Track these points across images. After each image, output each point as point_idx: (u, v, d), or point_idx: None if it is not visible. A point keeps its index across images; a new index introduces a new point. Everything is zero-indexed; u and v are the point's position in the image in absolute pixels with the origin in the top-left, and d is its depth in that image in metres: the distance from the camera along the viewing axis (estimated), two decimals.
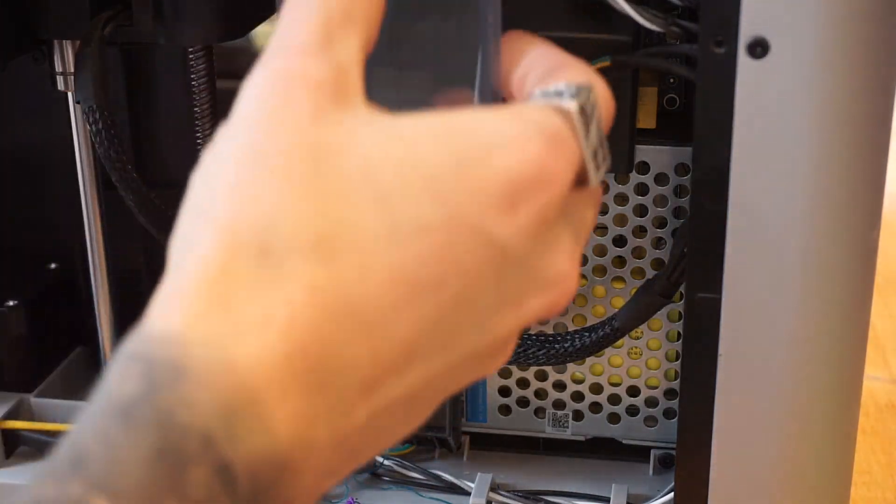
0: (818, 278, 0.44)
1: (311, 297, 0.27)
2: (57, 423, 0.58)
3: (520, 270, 0.31)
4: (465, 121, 0.32)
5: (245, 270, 0.27)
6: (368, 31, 0.35)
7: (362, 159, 0.29)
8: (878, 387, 0.79)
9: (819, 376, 0.46)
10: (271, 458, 0.26)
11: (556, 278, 0.33)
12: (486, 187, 0.30)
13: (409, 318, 0.29)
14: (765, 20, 0.40)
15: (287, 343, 0.27)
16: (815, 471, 0.49)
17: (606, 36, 0.47)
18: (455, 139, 0.31)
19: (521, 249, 0.31)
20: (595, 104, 0.34)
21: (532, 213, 0.31)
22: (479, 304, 0.30)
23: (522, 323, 0.32)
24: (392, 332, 0.29)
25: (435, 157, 0.30)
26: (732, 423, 0.47)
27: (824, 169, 0.43)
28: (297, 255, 0.28)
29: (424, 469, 0.56)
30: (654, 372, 0.54)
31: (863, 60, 0.41)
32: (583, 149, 0.33)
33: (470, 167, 0.30)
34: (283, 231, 0.28)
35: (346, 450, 0.29)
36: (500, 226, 0.30)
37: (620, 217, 0.51)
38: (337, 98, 0.31)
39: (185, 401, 0.25)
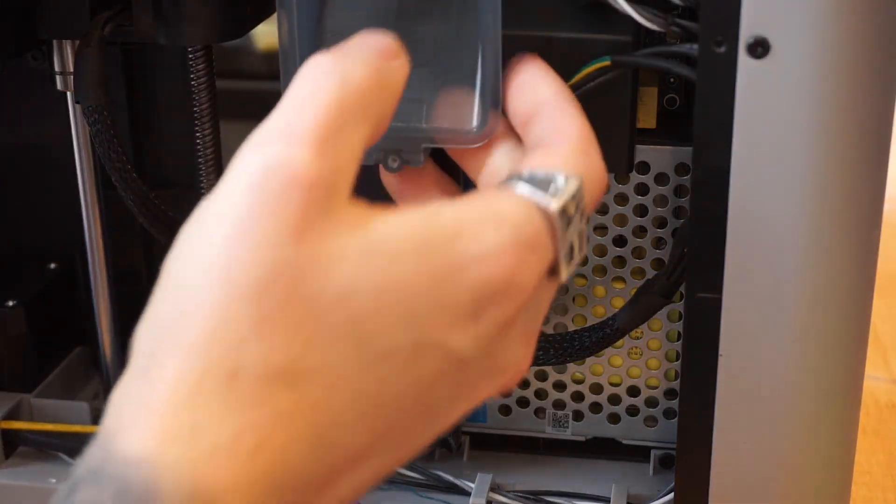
0: (818, 278, 0.44)
1: (277, 422, 0.28)
2: (57, 423, 0.58)
3: (476, 369, 0.32)
4: (447, 227, 0.32)
5: (214, 394, 0.28)
6: (376, 129, 0.34)
7: (340, 283, 0.30)
8: (878, 387, 0.79)
9: (819, 376, 0.46)
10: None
11: (508, 366, 0.34)
12: (456, 305, 0.31)
13: (368, 429, 0.30)
14: (765, 20, 0.40)
15: (254, 466, 0.28)
16: (815, 471, 0.48)
17: (606, 36, 0.47)
18: (434, 254, 0.31)
19: (479, 353, 0.32)
20: (581, 198, 0.34)
21: (494, 322, 0.32)
22: (434, 406, 0.32)
23: (473, 406, 0.33)
24: (350, 442, 0.30)
25: (413, 277, 0.30)
26: (732, 423, 0.47)
27: (824, 169, 0.43)
28: (264, 381, 0.28)
29: (424, 469, 0.56)
30: (654, 372, 0.54)
31: (863, 60, 0.41)
32: (558, 249, 0.33)
33: (444, 285, 0.31)
34: (252, 356, 0.28)
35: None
36: (461, 339, 0.31)
37: (620, 217, 0.51)
38: (328, 202, 0.31)
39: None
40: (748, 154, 0.43)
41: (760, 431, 0.47)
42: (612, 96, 0.48)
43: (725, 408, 0.47)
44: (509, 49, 0.44)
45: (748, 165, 0.43)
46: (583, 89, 0.47)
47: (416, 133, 0.44)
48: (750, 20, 0.41)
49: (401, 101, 0.39)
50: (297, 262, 0.29)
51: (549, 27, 0.47)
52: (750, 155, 0.43)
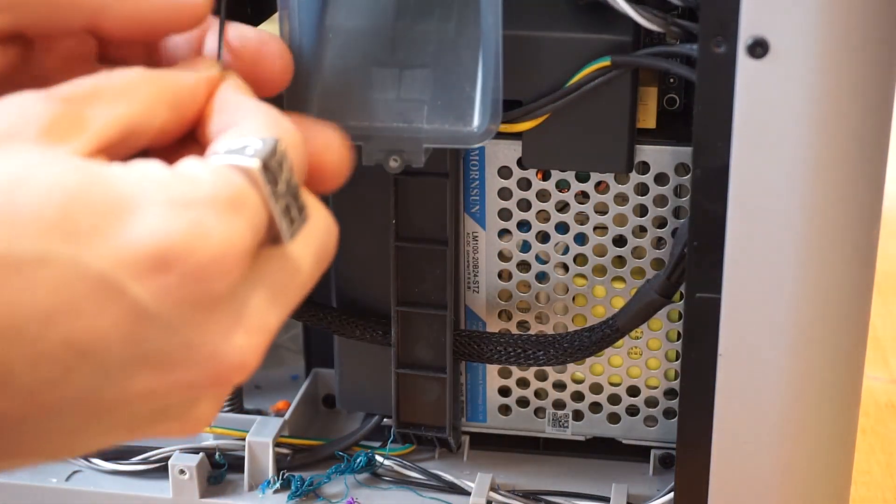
0: (818, 278, 0.44)
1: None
2: None
3: (165, 334, 0.31)
4: (129, 175, 0.31)
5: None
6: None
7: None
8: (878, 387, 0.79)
9: (819, 376, 0.46)
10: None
11: (220, 353, 0.32)
12: (130, 244, 0.29)
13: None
14: (765, 20, 0.40)
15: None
16: (815, 471, 0.49)
17: (606, 36, 0.47)
18: (100, 189, 0.30)
19: (166, 314, 0.30)
20: (284, 156, 0.33)
21: (184, 284, 0.30)
22: (100, 350, 0.30)
23: (169, 388, 0.32)
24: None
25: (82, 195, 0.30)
26: (732, 423, 0.47)
27: (824, 169, 0.43)
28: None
29: (424, 469, 0.56)
30: (654, 372, 0.54)
31: (863, 60, 0.41)
32: (270, 207, 0.32)
33: (116, 220, 0.30)
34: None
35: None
36: (138, 285, 0.30)
37: (620, 217, 0.51)
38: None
39: None
40: (748, 154, 0.43)
41: (760, 431, 0.47)
42: (612, 96, 0.48)
43: (725, 408, 0.47)
44: (509, 49, 0.44)
45: (748, 165, 0.43)
46: (583, 89, 0.47)
47: (416, 133, 0.44)
48: (749, 20, 0.41)
49: (401, 101, 0.39)
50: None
51: (549, 27, 0.47)
52: (750, 155, 0.43)
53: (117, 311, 0.30)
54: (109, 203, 0.30)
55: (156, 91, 0.35)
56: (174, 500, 0.55)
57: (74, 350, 0.30)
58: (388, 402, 0.55)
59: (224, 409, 0.60)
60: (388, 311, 0.53)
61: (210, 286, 0.31)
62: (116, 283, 0.29)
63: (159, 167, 0.31)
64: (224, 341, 0.32)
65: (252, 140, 0.33)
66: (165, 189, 0.30)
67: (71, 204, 0.29)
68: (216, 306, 0.31)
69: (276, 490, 0.55)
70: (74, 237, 0.29)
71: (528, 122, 0.48)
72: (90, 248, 0.29)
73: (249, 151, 0.33)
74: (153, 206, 0.30)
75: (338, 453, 0.57)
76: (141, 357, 0.31)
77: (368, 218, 0.53)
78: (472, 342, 0.53)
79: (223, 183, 0.31)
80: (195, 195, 0.31)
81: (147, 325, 0.30)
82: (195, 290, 0.30)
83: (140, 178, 0.31)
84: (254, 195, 0.32)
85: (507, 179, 0.51)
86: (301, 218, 0.34)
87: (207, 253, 0.30)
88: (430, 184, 0.51)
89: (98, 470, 0.57)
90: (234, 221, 0.31)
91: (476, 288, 0.54)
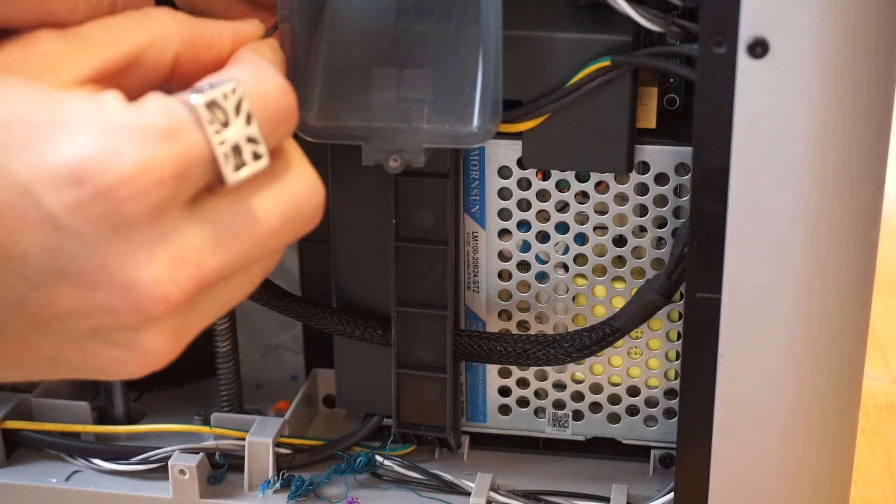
0: (818, 278, 0.44)
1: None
2: (57, 423, 0.58)
3: (82, 251, 0.32)
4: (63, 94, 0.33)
5: None
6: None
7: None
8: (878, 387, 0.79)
9: (819, 376, 0.46)
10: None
11: (138, 282, 0.33)
12: (51, 158, 0.31)
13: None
14: (765, 20, 0.40)
15: None
16: (815, 471, 0.49)
17: (606, 36, 0.47)
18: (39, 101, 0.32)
19: (80, 229, 0.32)
20: (241, 99, 0.34)
21: (97, 199, 0.31)
22: (20, 256, 0.32)
23: (93, 308, 0.33)
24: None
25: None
26: (732, 423, 0.47)
27: (824, 169, 0.43)
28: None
29: (424, 469, 0.56)
30: (654, 372, 0.54)
31: (863, 60, 0.41)
32: (211, 144, 0.33)
33: (48, 137, 0.32)
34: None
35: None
36: (53, 197, 0.31)
37: (620, 217, 0.51)
38: None
39: None
40: (748, 154, 0.43)
41: (760, 431, 0.47)
42: (612, 96, 0.48)
43: (725, 408, 0.47)
44: (509, 49, 0.44)
45: (748, 165, 0.43)
46: (583, 89, 0.47)
47: (416, 133, 0.44)
48: (749, 20, 0.41)
49: (401, 101, 0.39)
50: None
51: (549, 27, 0.47)
52: (750, 155, 0.43)
53: (35, 219, 0.31)
54: (48, 122, 0.32)
55: (172, 26, 0.37)
56: (174, 500, 0.55)
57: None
58: (388, 402, 0.55)
59: (224, 409, 0.60)
60: (388, 311, 0.53)
61: (122, 206, 0.32)
62: (34, 192, 0.31)
63: (115, 97, 0.33)
64: (142, 269, 0.33)
65: (218, 80, 0.34)
66: (105, 115, 0.32)
67: (12, 119, 0.31)
68: (135, 231, 0.32)
69: (276, 490, 0.55)
70: (7, 148, 0.31)
71: (528, 122, 0.48)
72: (18, 159, 0.31)
73: (205, 87, 0.34)
74: (85, 129, 0.32)
75: (338, 453, 0.57)
76: (59, 270, 0.32)
77: (368, 218, 0.53)
78: (472, 342, 0.53)
79: (161, 113, 0.33)
80: (126, 122, 0.32)
81: (62, 237, 0.32)
82: (107, 208, 0.32)
83: (87, 105, 0.32)
84: (193, 130, 0.33)
85: (507, 179, 0.51)
86: (256, 164, 0.34)
87: (118, 173, 0.31)
88: (430, 184, 0.51)
89: (98, 470, 0.57)
90: (156, 148, 0.32)
91: (476, 288, 0.54)
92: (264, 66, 0.37)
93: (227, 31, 0.38)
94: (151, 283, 0.33)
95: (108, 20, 0.36)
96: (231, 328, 0.59)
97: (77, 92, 0.33)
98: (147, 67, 0.36)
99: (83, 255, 0.32)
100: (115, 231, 0.32)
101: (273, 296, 0.54)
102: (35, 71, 0.33)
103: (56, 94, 0.32)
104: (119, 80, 0.36)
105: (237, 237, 0.35)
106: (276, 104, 0.36)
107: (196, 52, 0.37)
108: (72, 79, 0.34)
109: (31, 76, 0.33)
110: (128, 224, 0.32)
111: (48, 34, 0.35)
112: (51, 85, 0.33)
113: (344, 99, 0.45)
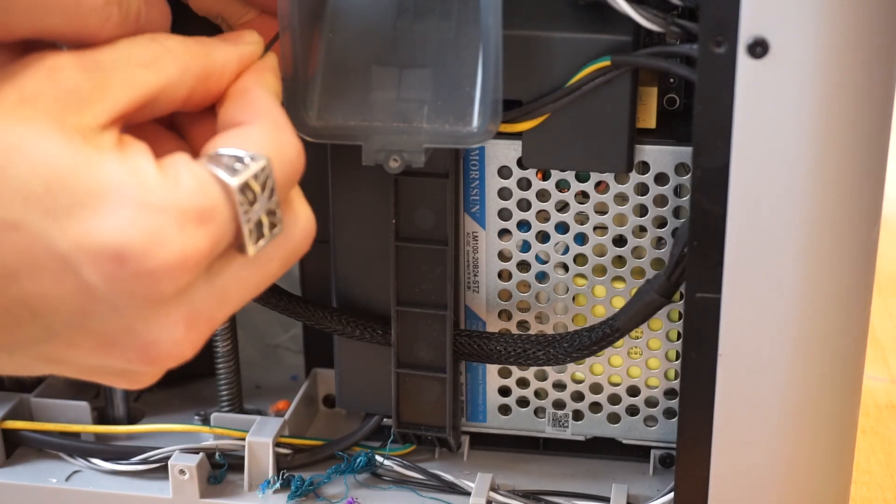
0: (818, 278, 0.44)
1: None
2: (57, 423, 0.58)
3: (111, 317, 0.34)
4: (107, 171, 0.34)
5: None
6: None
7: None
8: (878, 387, 0.79)
9: (819, 376, 0.46)
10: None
11: (158, 342, 0.35)
12: (94, 233, 0.32)
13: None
14: (765, 20, 0.40)
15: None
16: (815, 471, 0.49)
17: (606, 36, 0.47)
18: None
19: (114, 300, 0.33)
20: (268, 176, 0.36)
21: (136, 279, 0.33)
22: (49, 314, 0.33)
23: (108, 358, 0.35)
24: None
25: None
26: (732, 423, 0.47)
27: (824, 169, 0.43)
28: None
29: (424, 469, 0.56)
30: (654, 372, 0.54)
31: (863, 60, 0.41)
32: (240, 224, 0.35)
33: (89, 208, 0.32)
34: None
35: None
36: (93, 271, 0.32)
37: (620, 217, 0.51)
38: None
39: None
40: (748, 154, 0.43)
41: (760, 431, 0.47)
42: (612, 96, 0.48)
43: (725, 408, 0.47)
44: (509, 49, 0.44)
45: (748, 165, 0.43)
46: (583, 89, 0.47)
47: (416, 133, 0.44)
48: (749, 20, 0.41)
49: (401, 101, 0.39)
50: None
51: (549, 27, 0.47)
52: (750, 155, 0.43)
53: (70, 286, 0.32)
54: (89, 192, 0.32)
55: (188, 62, 0.37)
56: (174, 500, 0.55)
57: (27, 309, 0.33)
58: (388, 402, 0.55)
59: (224, 409, 0.60)
60: (388, 311, 0.53)
61: (159, 287, 0.33)
62: (74, 263, 0.32)
63: (148, 163, 0.34)
64: (164, 333, 0.34)
65: (245, 154, 0.35)
66: (143, 189, 0.33)
67: (55, 183, 0.32)
68: (164, 303, 0.34)
69: (276, 490, 0.55)
70: (50, 214, 0.32)
71: (528, 121, 0.48)
72: (60, 227, 0.32)
73: (238, 166, 0.35)
74: (126, 204, 0.33)
75: (338, 453, 0.57)
76: (86, 329, 0.34)
77: (368, 218, 0.53)
78: (472, 342, 0.53)
79: (198, 193, 0.34)
80: (167, 201, 0.33)
81: (95, 304, 0.33)
82: (144, 287, 0.33)
83: (125, 173, 0.33)
84: (225, 210, 0.34)
85: (507, 179, 0.51)
86: (272, 234, 0.36)
87: (161, 260, 0.33)
88: (430, 184, 0.51)
89: (98, 470, 0.57)
90: (196, 233, 0.33)
91: (476, 288, 0.54)
92: (281, 126, 0.38)
93: (234, 59, 0.39)
94: (169, 344, 0.35)
95: (127, 51, 0.36)
96: (231, 328, 0.59)
97: (111, 154, 0.33)
98: (162, 104, 0.37)
99: (112, 320, 0.34)
100: (146, 304, 0.34)
101: (273, 296, 0.54)
102: (61, 109, 0.33)
103: (94, 158, 0.33)
104: (134, 114, 0.36)
105: (242, 291, 0.37)
106: (293, 169, 0.37)
107: (207, 85, 0.38)
108: (96, 124, 0.34)
109: (57, 115, 0.33)
110: (159, 300, 0.34)
111: (72, 64, 0.34)
112: (75, 128, 0.33)
113: (344, 99, 0.45)
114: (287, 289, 0.55)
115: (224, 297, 0.36)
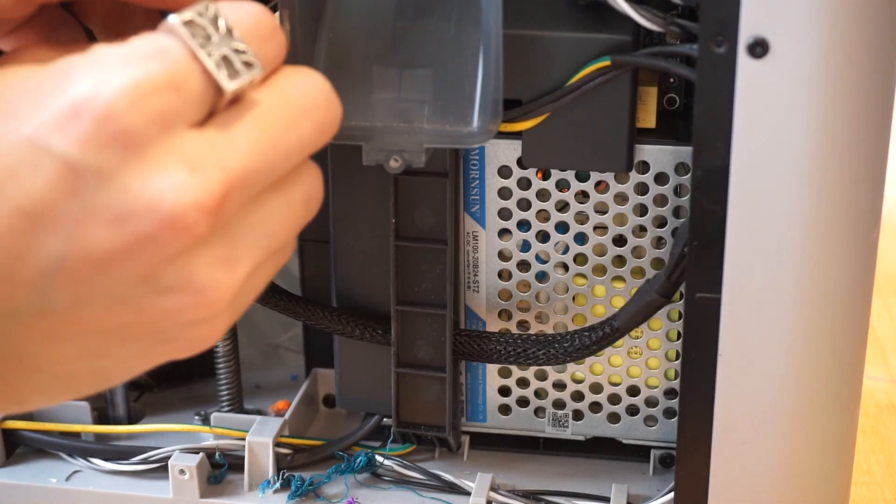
0: (818, 278, 0.44)
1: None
2: (57, 423, 0.58)
3: (101, 183, 0.32)
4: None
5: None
6: None
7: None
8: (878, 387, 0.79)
9: (819, 376, 0.46)
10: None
11: (165, 192, 0.32)
12: (51, 106, 0.31)
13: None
14: (765, 20, 0.40)
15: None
16: (815, 471, 0.49)
17: (606, 36, 0.47)
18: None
19: (93, 160, 0.31)
20: (216, 14, 0.34)
21: (98, 123, 0.31)
22: (46, 210, 0.31)
23: (132, 244, 0.32)
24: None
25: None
26: (732, 423, 0.47)
27: (824, 169, 0.43)
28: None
29: (424, 469, 0.56)
30: (654, 372, 0.54)
31: (863, 60, 0.41)
32: (199, 57, 0.33)
33: (49, 96, 0.32)
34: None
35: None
36: (58, 137, 0.31)
37: (620, 217, 0.51)
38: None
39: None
40: (748, 154, 0.43)
41: (760, 431, 0.47)
42: (612, 96, 0.48)
43: (725, 408, 0.47)
44: (509, 49, 0.44)
45: (748, 165, 0.43)
46: (583, 89, 0.47)
47: (416, 133, 0.44)
48: (749, 20, 0.41)
49: (401, 101, 0.39)
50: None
51: (549, 27, 0.47)
52: (750, 155, 0.43)
53: (48, 167, 0.31)
54: (44, 84, 0.32)
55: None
56: (174, 500, 0.55)
57: (24, 214, 0.31)
58: (388, 402, 0.55)
59: (224, 409, 0.60)
60: (388, 311, 0.53)
61: (123, 121, 0.31)
62: (40, 141, 0.31)
63: (108, 48, 0.33)
64: (162, 178, 0.32)
65: (189, 10, 0.34)
66: (93, 56, 0.32)
67: (7, 91, 0.32)
68: (145, 148, 0.32)
69: (276, 490, 0.55)
70: (7, 113, 0.31)
71: (528, 121, 0.48)
72: (22, 120, 0.31)
73: (182, 16, 0.34)
74: (75, 72, 0.32)
75: (338, 453, 0.57)
76: (85, 211, 0.31)
77: (368, 217, 0.53)
78: (472, 342, 0.53)
79: (143, 40, 0.33)
80: (112, 52, 0.32)
81: (79, 176, 0.31)
82: (111, 129, 0.31)
83: (78, 57, 0.33)
84: (176, 46, 0.33)
85: (507, 179, 0.51)
86: (249, 71, 0.34)
87: (111, 91, 0.31)
88: (430, 183, 0.51)
89: (98, 470, 0.57)
90: (144, 64, 0.32)
91: (476, 287, 0.54)
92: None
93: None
94: (176, 190, 0.32)
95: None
96: (231, 328, 0.59)
97: (77, 56, 0.33)
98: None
99: (103, 185, 0.31)
100: (125, 151, 0.31)
101: (273, 296, 0.54)
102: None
103: (58, 65, 0.32)
104: None
105: (252, 136, 0.34)
106: (254, 19, 0.35)
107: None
108: None
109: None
110: (136, 141, 0.32)
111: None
112: None
113: (344, 99, 0.45)
114: (287, 289, 0.55)
115: (232, 144, 0.33)
